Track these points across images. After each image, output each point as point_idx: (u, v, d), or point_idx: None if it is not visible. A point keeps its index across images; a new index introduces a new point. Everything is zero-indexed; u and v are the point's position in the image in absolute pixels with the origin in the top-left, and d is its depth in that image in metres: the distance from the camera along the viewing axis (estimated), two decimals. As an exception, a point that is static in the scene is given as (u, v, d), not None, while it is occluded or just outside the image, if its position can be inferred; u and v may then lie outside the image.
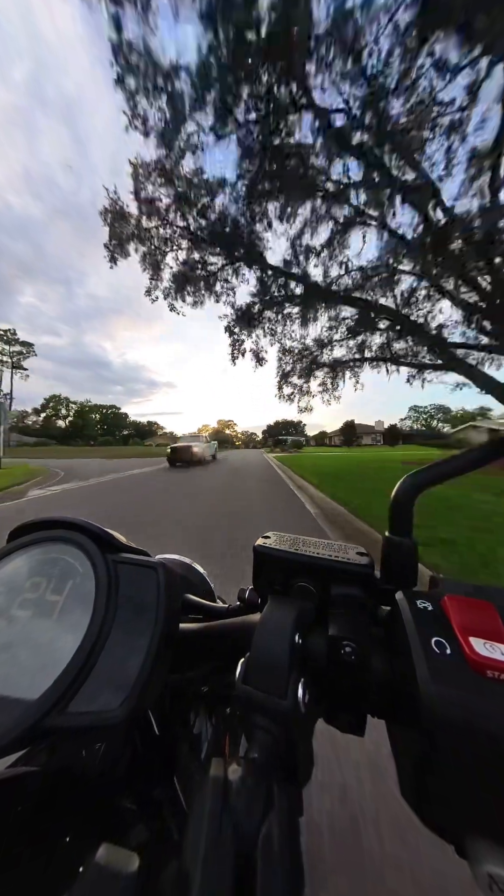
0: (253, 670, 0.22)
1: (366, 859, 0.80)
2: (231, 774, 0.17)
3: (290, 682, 0.21)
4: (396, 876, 0.76)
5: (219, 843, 0.14)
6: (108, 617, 0.24)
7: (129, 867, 0.15)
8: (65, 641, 0.22)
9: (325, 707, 0.24)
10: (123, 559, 0.27)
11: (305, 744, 0.22)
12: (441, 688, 0.17)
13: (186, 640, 0.31)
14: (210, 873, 0.14)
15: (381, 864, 0.79)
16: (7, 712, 0.20)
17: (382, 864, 0.79)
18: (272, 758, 0.19)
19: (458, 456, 0.27)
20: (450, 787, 0.17)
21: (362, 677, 0.23)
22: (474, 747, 0.16)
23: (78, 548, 0.27)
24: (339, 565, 0.27)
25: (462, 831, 0.17)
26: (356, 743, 1.09)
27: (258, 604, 0.33)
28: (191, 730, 0.44)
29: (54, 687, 0.20)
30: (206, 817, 0.15)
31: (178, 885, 0.14)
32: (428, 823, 0.18)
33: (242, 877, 0.14)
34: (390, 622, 0.25)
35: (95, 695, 0.21)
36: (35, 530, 0.28)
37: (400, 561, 0.28)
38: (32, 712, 0.20)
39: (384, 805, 0.91)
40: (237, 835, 0.15)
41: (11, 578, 0.26)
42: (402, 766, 0.20)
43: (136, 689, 0.21)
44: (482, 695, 0.17)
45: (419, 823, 0.18)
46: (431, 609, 0.22)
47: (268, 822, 0.16)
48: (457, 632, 0.20)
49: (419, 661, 0.19)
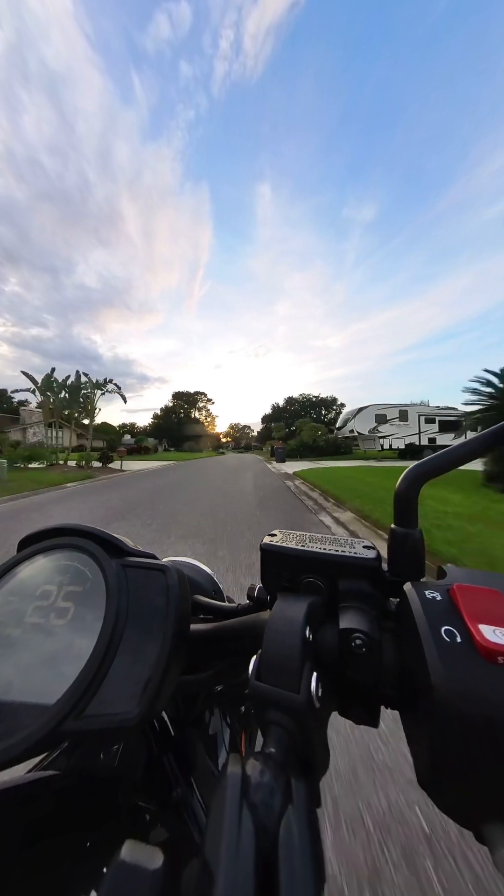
0: (266, 667, 0.22)
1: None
2: (248, 770, 0.17)
3: (303, 677, 0.21)
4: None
5: (239, 839, 0.14)
6: (120, 621, 0.24)
7: (154, 864, 0.15)
8: (78, 647, 0.23)
9: (338, 700, 0.25)
10: (132, 563, 0.27)
11: (321, 736, 0.22)
12: (452, 676, 0.18)
13: (198, 640, 0.31)
14: (232, 870, 0.14)
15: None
16: (25, 718, 0.20)
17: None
18: (289, 752, 0.19)
19: (459, 446, 0.27)
20: (465, 773, 0.17)
21: (374, 669, 0.23)
22: (487, 733, 0.16)
23: (87, 554, 0.27)
24: (346, 560, 0.27)
25: (480, 817, 0.17)
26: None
27: (267, 601, 0.33)
28: (206, 729, 0.44)
29: (70, 692, 0.21)
30: (226, 814, 0.15)
31: (201, 883, 0.14)
32: (446, 810, 0.19)
33: (264, 872, 0.14)
34: (400, 613, 0.25)
35: (111, 698, 0.21)
36: (44, 538, 0.29)
37: (407, 552, 0.28)
38: (50, 717, 0.20)
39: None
40: (257, 830, 0.15)
41: (23, 587, 0.26)
42: (417, 755, 0.20)
43: (150, 691, 0.22)
44: (493, 681, 0.17)
45: (438, 811, 0.18)
46: (440, 599, 0.22)
47: (287, 817, 0.16)
48: (466, 620, 0.20)
49: (430, 650, 0.19)
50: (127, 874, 0.14)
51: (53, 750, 0.30)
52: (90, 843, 0.24)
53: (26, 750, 0.19)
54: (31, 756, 0.20)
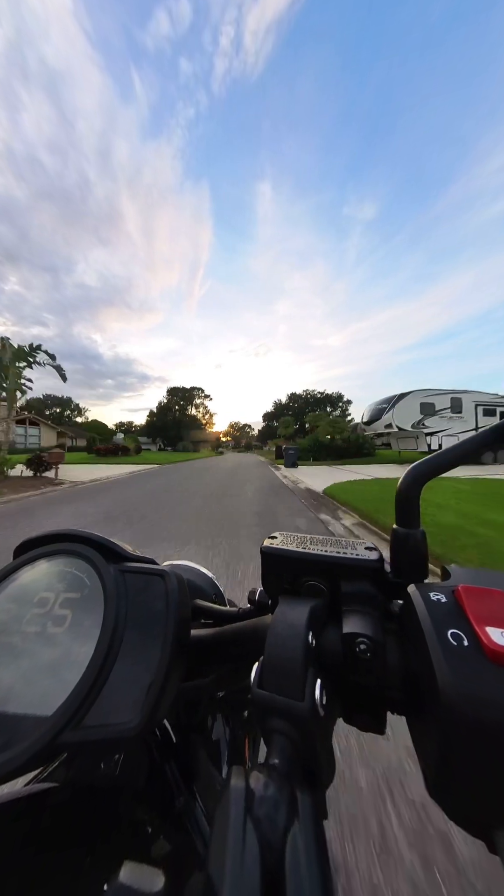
0: (268, 673, 0.21)
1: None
2: (252, 783, 0.17)
3: (307, 684, 0.20)
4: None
5: (244, 857, 0.14)
6: (119, 628, 0.23)
7: (155, 881, 0.14)
8: (76, 655, 0.22)
9: (343, 707, 0.24)
10: (130, 568, 0.27)
11: (326, 745, 0.21)
12: (460, 680, 0.17)
13: (199, 645, 0.30)
14: (236, 888, 0.13)
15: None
16: (23, 730, 0.20)
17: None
18: (293, 762, 0.19)
19: (459, 444, 0.27)
20: (475, 780, 0.17)
21: (379, 674, 0.22)
22: (497, 738, 0.16)
23: (84, 560, 0.27)
24: (348, 561, 0.27)
25: (491, 825, 0.17)
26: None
27: (269, 605, 0.32)
28: (208, 736, 0.43)
29: (68, 702, 0.20)
30: (230, 830, 0.15)
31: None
32: (457, 820, 0.18)
33: (270, 890, 0.14)
34: (404, 616, 0.24)
35: (110, 708, 0.21)
36: (40, 545, 0.28)
37: (409, 553, 0.27)
38: (48, 729, 0.19)
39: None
40: (262, 846, 0.14)
41: (20, 594, 0.26)
42: (426, 762, 0.20)
43: (150, 699, 0.21)
44: (502, 685, 0.17)
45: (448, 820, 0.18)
46: (445, 601, 0.21)
47: (293, 831, 0.15)
48: (472, 622, 0.19)
49: (436, 653, 0.18)
50: (128, 892, 0.14)
51: (52, 761, 0.29)
52: (90, 858, 0.23)
53: (23, 764, 0.19)
54: (28, 770, 0.19)
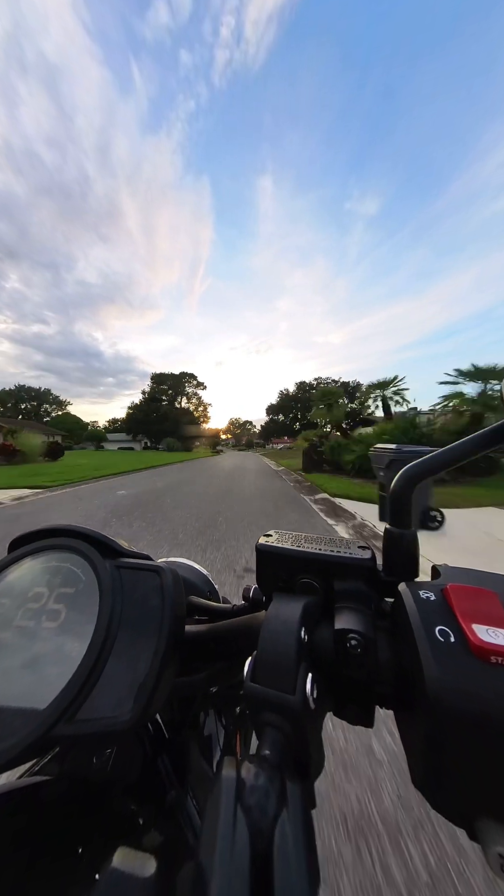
0: (261, 668, 0.22)
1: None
2: (243, 773, 0.17)
3: (299, 678, 0.21)
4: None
5: (234, 843, 0.14)
6: (113, 623, 0.24)
7: (147, 871, 0.15)
8: (70, 650, 0.22)
9: (333, 700, 0.25)
10: (126, 564, 0.27)
11: (316, 738, 0.22)
12: (445, 675, 0.18)
13: (193, 642, 0.31)
14: (226, 873, 0.14)
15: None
16: (16, 723, 0.20)
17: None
18: (284, 754, 0.19)
19: (454, 446, 0.27)
20: (459, 771, 0.17)
21: (369, 669, 0.23)
22: (480, 731, 0.17)
23: (80, 555, 0.27)
24: (341, 560, 0.27)
25: (473, 815, 0.18)
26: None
27: (263, 602, 0.33)
28: (201, 731, 0.44)
29: (62, 696, 0.20)
30: (220, 818, 0.15)
31: (195, 888, 0.14)
32: (440, 809, 0.19)
33: (259, 876, 0.14)
34: (395, 613, 0.25)
35: (103, 702, 0.21)
36: (36, 539, 0.28)
37: (401, 553, 0.28)
38: (41, 722, 0.20)
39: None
40: (252, 833, 0.15)
41: (14, 589, 0.26)
42: (412, 754, 0.20)
43: (144, 693, 0.21)
44: (486, 680, 0.17)
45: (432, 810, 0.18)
46: (434, 599, 0.22)
47: (282, 820, 0.16)
48: (460, 619, 0.20)
49: (424, 649, 0.19)
50: (119, 882, 0.14)
51: (45, 755, 0.30)
52: (83, 850, 0.23)
53: (16, 756, 0.19)
54: (21, 762, 0.20)
